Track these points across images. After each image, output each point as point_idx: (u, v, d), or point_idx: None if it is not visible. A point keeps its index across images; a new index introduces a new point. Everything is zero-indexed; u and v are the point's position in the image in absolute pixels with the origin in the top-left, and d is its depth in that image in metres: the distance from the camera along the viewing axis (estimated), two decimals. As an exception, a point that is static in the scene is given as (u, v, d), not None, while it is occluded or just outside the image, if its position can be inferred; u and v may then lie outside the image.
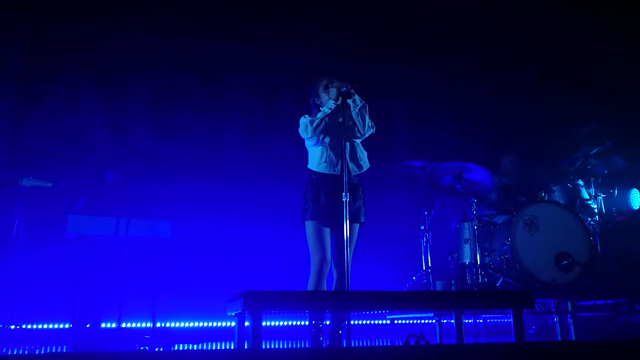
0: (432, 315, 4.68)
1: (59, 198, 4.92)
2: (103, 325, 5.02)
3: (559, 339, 4.34)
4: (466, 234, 5.16)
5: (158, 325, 5.19)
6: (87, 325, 4.86)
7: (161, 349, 4.27)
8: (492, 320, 6.01)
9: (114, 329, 4.88)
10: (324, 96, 3.67)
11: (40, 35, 5.87)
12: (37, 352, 4.04)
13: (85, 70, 6.01)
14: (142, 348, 4.29)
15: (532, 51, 6.93)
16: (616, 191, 5.21)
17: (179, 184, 5.94)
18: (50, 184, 4.49)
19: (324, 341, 3.37)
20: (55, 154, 5.58)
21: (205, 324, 5.63)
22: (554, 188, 5.21)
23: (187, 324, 5.56)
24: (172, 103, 6.32)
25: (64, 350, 4.36)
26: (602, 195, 5.11)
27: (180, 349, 4.42)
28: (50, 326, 5.13)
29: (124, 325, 5.12)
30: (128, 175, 5.31)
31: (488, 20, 6.81)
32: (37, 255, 5.01)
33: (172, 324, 5.50)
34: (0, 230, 4.77)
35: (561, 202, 5.05)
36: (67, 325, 5.08)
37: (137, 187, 5.37)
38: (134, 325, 5.36)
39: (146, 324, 5.34)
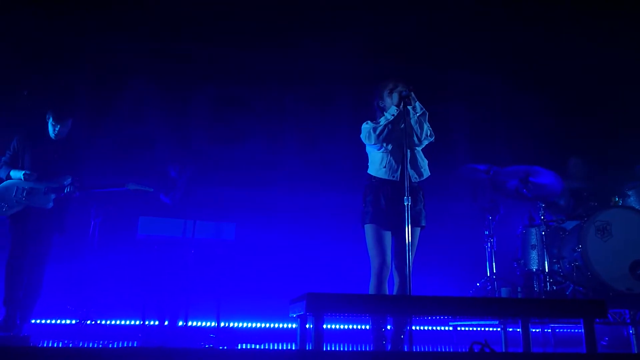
0: (497, 323, 4.56)
1: (130, 200, 5.16)
2: (165, 322, 5.22)
3: (635, 352, 4.10)
4: (533, 240, 4.99)
5: (222, 324, 5.33)
6: (166, 322, 5.08)
7: (225, 348, 4.39)
8: (561, 330, 5.77)
9: (181, 327, 5.06)
10: (387, 100, 3.66)
11: (109, 51, 6.19)
12: (110, 346, 4.26)
13: (148, 80, 6.31)
14: (207, 346, 4.42)
15: (603, 52, 6.61)
16: (700, 196, 4.88)
17: (243, 188, 6.10)
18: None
19: (386, 345, 3.36)
20: (128, 160, 5.88)
21: (268, 325, 5.73)
22: (629, 192, 4.96)
23: (250, 325, 5.68)
24: (234, 111, 6.52)
25: (135, 345, 4.56)
26: (683, 201, 4.81)
27: (244, 348, 4.52)
28: (123, 322, 5.40)
29: (190, 323, 5.31)
30: (189, 173, 5.50)
31: (551, 21, 6.58)
32: (111, 254, 5.28)
33: (236, 324, 5.63)
34: (78, 231, 5.06)
35: (637, 207, 4.80)
36: (138, 322, 5.31)
37: (202, 190, 5.55)
38: (199, 324, 5.54)
39: (211, 323, 5.50)
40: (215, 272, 5.24)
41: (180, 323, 5.04)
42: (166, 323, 5.09)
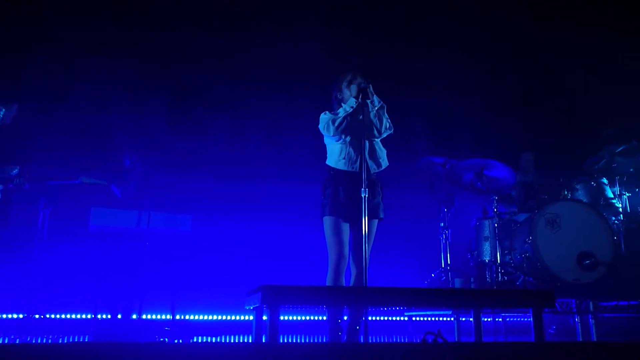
0: (450, 313, 4.66)
1: (82, 191, 5.00)
2: (119, 315, 5.10)
3: (580, 340, 4.27)
4: (486, 232, 5.12)
5: (177, 317, 5.26)
6: (119, 316, 4.96)
7: (180, 341, 4.32)
8: (512, 319, 5.95)
9: (134, 320, 4.96)
10: (346, 92, 3.66)
11: (65, 34, 5.95)
12: (60, 341, 4.13)
13: (108, 68, 6.09)
14: (161, 339, 4.35)
15: (557, 50, 6.81)
16: (642, 190, 5.10)
17: (201, 179, 6.00)
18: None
19: (341, 336, 3.38)
20: (82, 150, 5.69)
21: (224, 317, 5.68)
22: (577, 186, 5.14)
23: (205, 317, 5.62)
24: (194, 101, 6.39)
25: (86, 340, 4.44)
26: (628, 194, 5.01)
27: (199, 341, 4.47)
28: (73, 316, 5.24)
29: (144, 316, 5.20)
30: (145, 163, 5.38)
31: (509, 19, 6.73)
32: (61, 246, 5.12)
33: (191, 317, 5.56)
34: (26, 222, 4.87)
35: (584, 200, 4.97)
36: (89, 316, 5.18)
37: (158, 181, 5.44)
38: (154, 317, 5.44)
39: (166, 316, 5.42)
40: (171, 265, 5.15)
41: (134, 316, 4.93)
42: (119, 316, 4.98)
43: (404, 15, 6.76)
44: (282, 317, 5.60)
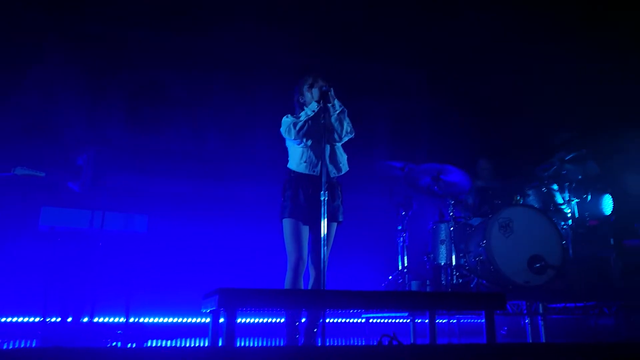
0: (406, 314, 4.72)
1: (32, 189, 4.83)
2: (69, 319, 4.95)
3: (530, 341, 4.41)
4: (442, 235, 5.21)
5: (131, 320, 5.13)
6: (69, 319, 4.80)
7: (134, 345, 4.23)
8: (465, 321, 6.09)
9: (85, 323, 4.81)
10: (307, 95, 3.67)
11: (11, 23, 5.72)
12: (5, 347, 3.96)
13: (62, 60, 5.89)
14: (113, 344, 4.24)
15: (511, 59, 7.01)
16: (589, 196, 5.31)
17: (158, 178, 5.89)
18: (43, 174, 4.43)
19: (299, 339, 3.38)
20: (29, 145, 5.48)
21: (180, 320, 5.58)
22: (529, 192, 5.30)
23: (161, 320, 5.51)
24: (151, 97, 6.25)
25: (34, 345, 4.28)
26: (576, 200, 5.20)
27: (154, 345, 4.37)
28: (21, 319, 5.04)
29: (96, 319, 5.06)
30: (99, 162, 5.23)
31: (469, 25, 6.88)
32: (7, 246, 4.92)
33: (146, 320, 5.44)
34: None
35: (536, 205, 5.14)
36: (37, 319, 4.99)
37: (113, 180, 5.30)
38: (106, 320, 5.30)
39: (119, 319, 5.28)
40: (125, 266, 5.02)
41: (85, 319, 4.79)
42: (69, 320, 4.82)
43: (364, 17, 6.81)
44: (239, 320, 5.57)
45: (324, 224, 3.26)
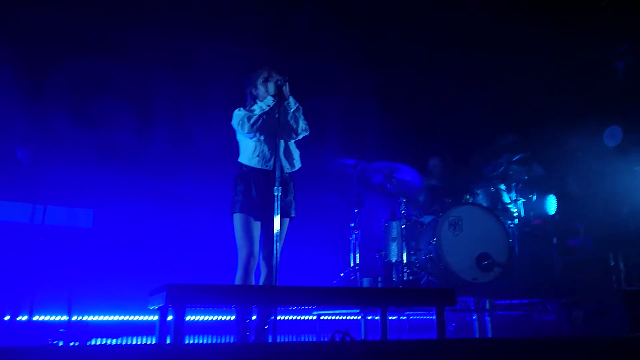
0: (358, 311, 4.74)
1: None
2: (6, 317, 4.71)
3: (477, 336, 4.51)
4: (394, 233, 5.27)
5: (74, 318, 4.93)
6: (6, 318, 4.55)
7: (76, 344, 4.06)
8: (415, 318, 6.17)
9: (24, 322, 4.58)
10: (261, 89, 3.62)
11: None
12: None
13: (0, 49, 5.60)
14: (55, 342, 4.05)
15: (460, 60, 7.16)
16: (535, 196, 5.49)
17: (104, 172, 5.67)
18: None
19: (250, 336, 3.33)
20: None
21: (126, 318, 5.41)
22: (478, 191, 5.43)
23: (106, 318, 5.32)
24: (96, 90, 6.02)
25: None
26: (522, 200, 5.37)
27: (98, 343, 4.21)
28: (-47, 318, 4.75)
29: (36, 318, 4.83)
30: (43, 155, 5.00)
31: (417, 24, 6.98)
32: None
33: (90, 318, 5.24)
34: None
35: (484, 204, 5.26)
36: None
37: (56, 173, 5.07)
38: (47, 318, 5.07)
39: (61, 317, 5.06)
40: (69, 262, 4.81)
41: (24, 318, 4.56)
42: (6, 318, 4.58)
43: (314, 14, 6.80)
44: (188, 318, 5.44)
45: (276, 219, 3.22)
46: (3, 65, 5.60)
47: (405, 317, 5.91)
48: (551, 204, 5.64)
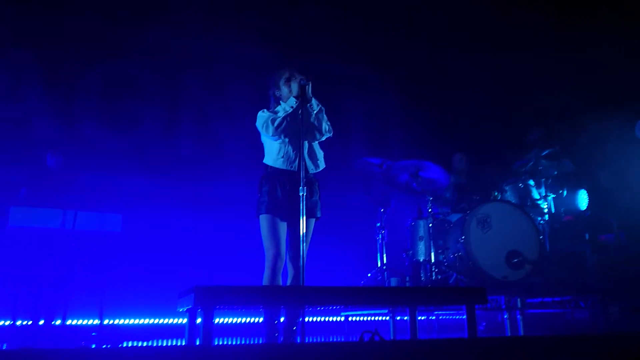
0: (386, 312, 4.70)
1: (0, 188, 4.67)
2: (40, 321, 4.80)
3: (509, 335, 4.42)
4: (421, 232, 5.21)
5: (106, 322, 5.01)
6: (41, 322, 4.65)
7: (108, 347, 4.11)
8: (444, 318, 6.10)
9: (58, 326, 4.67)
10: (284, 89, 3.61)
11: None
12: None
13: (30, 56, 5.72)
14: (83, 344, 4.12)
15: (485, 55, 7.07)
16: (565, 192, 5.37)
17: (132, 177, 5.76)
18: None
19: (278, 337, 3.32)
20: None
21: (156, 321, 5.47)
22: (506, 188, 5.33)
23: (136, 321, 5.39)
24: (123, 94, 6.12)
25: (3, 348, 4.13)
26: (552, 196, 5.26)
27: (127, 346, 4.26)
28: (-11, 323, 4.88)
29: (69, 322, 4.92)
30: (72, 160, 5.09)
31: (441, 22, 6.92)
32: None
33: (121, 321, 5.32)
34: None
35: (513, 201, 5.17)
36: (7, 322, 4.83)
37: (85, 179, 5.16)
38: (80, 322, 5.16)
39: (93, 321, 5.15)
40: (99, 266, 4.88)
41: (57, 322, 4.65)
42: (41, 322, 4.68)
43: (338, 15, 6.80)
44: (216, 320, 5.48)
45: (302, 219, 3.21)
46: (31, 72, 5.73)
47: (434, 317, 5.85)
48: (582, 199, 5.51)
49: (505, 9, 6.76)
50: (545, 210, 5.20)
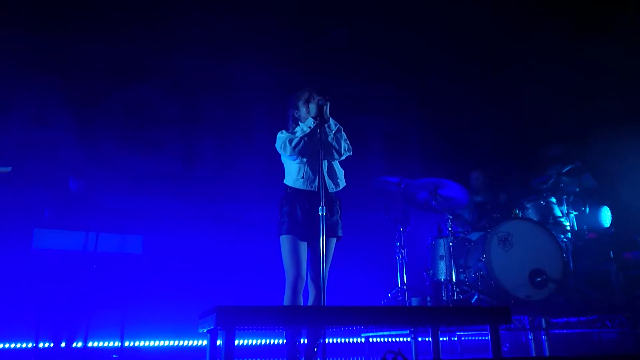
0: (407, 332, 4.64)
1: (24, 210, 4.75)
2: (62, 344, 4.83)
3: (534, 355, 4.33)
4: (441, 251, 5.16)
5: (127, 344, 5.01)
6: (62, 344, 4.68)
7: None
8: (466, 338, 6.00)
9: (79, 348, 4.69)
10: (303, 110, 3.64)
11: (6, 43, 5.70)
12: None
13: (54, 80, 5.86)
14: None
15: (501, 72, 7.06)
16: (587, 209, 5.29)
17: (152, 198, 5.82)
18: (9, 169, 4.26)
19: (299, 359, 3.29)
20: (21, 164, 5.41)
21: (177, 343, 5.46)
22: (528, 205, 5.27)
23: (157, 343, 5.39)
24: (145, 118, 6.22)
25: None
26: (574, 213, 5.18)
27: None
28: (12, 345, 4.91)
29: (90, 344, 4.94)
30: (94, 183, 5.16)
31: (459, 41, 6.94)
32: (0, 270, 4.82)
33: (142, 343, 5.32)
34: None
35: (534, 219, 5.10)
36: (30, 345, 4.87)
37: (106, 200, 5.23)
38: (101, 344, 5.17)
39: (114, 343, 5.16)
40: (120, 288, 4.92)
41: (79, 344, 4.67)
42: (63, 345, 4.70)
43: (354, 36, 6.87)
44: (238, 342, 5.45)
45: (322, 239, 3.20)
46: (56, 97, 5.86)
47: (456, 338, 5.75)
48: (605, 216, 5.42)
49: (522, 23, 6.76)
50: (568, 228, 5.12)
